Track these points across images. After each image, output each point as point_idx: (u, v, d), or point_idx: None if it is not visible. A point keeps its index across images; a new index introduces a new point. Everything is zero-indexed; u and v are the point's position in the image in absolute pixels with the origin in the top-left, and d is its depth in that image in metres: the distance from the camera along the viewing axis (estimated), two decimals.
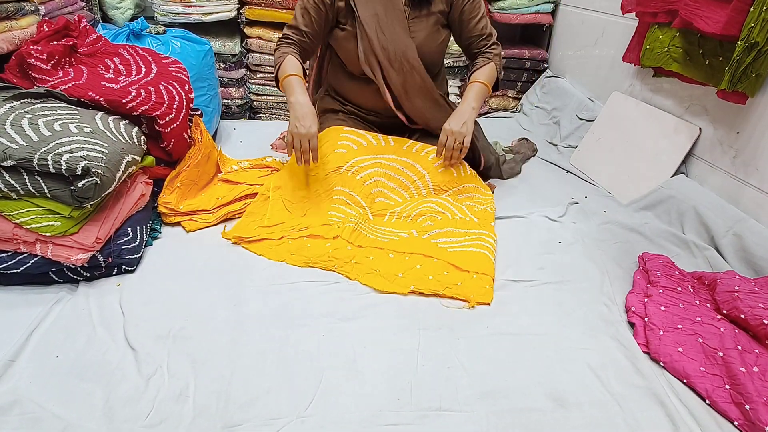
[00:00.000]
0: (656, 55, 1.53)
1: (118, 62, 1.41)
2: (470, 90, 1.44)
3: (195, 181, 1.44)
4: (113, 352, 0.93)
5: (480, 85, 1.44)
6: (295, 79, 1.34)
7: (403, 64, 1.42)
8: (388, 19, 1.38)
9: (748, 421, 0.82)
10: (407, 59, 1.41)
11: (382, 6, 1.38)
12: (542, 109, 2.29)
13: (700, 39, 1.38)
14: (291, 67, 1.37)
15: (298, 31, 1.43)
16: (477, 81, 1.44)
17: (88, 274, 1.11)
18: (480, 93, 1.44)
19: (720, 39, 1.27)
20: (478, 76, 1.46)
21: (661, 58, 1.51)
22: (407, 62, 1.42)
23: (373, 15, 1.38)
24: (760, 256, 1.17)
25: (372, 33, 1.38)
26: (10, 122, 1.04)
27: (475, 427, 0.82)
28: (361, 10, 1.38)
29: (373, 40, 1.39)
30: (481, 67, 1.47)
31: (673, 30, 1.46)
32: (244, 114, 2.36)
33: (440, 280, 1.15)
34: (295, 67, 1.37)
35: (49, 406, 0.81)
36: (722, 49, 1.31)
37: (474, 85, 1.44)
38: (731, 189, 1.36)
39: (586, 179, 1.77)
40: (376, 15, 1.38)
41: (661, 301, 1.05)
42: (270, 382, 0.88)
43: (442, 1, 1.43)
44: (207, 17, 2.10)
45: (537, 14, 2.35)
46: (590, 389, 0.90)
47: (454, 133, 1.37)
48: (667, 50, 1.48)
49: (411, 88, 1.46)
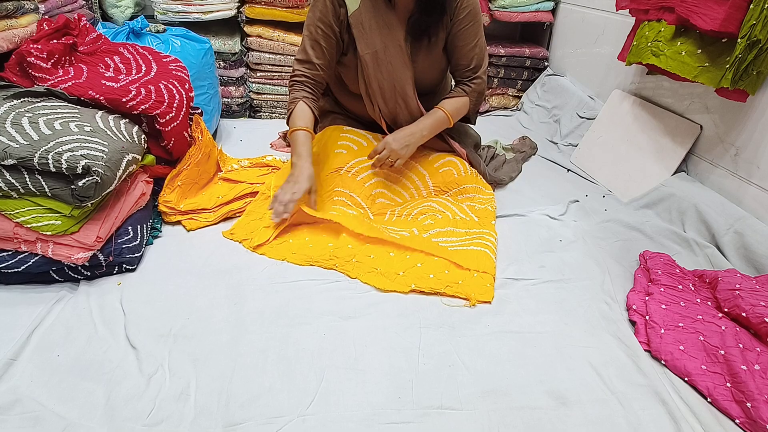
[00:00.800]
0: (639, 50, 1.52)
1: (119, 61, 1.41)
2: (430, 116, 1.40)
3: (195, 180, 1.44)
4: (114, 350, 0.93)
5: (443, 114, 1.39)
6: (302, 135, 1.30)
7: (397, 101, 1.40)
8: (386, 56, 1.35)
9: (750, 419, 0.82)
10: (402, 96, 1.39)
11: (382, 43, 1.34)
12: (543, 108, 2.29)
13: (682, 33, 1.37)
14: (300, 118, 1.32)
15: (310, 65, 1.36)
16: (442, 109, 1.40)
17: (88, 273, 1.11)
18: (438, 123, 1.40)
19: (717, 36, 1.27)
20: (445, 104, 1.41)
21: (643, 53, 1.50)
22: (402, 99, 1.40)
23: (373, 54, 1.34)
24: (761, 254, 1.17)
25: (370, 71, 1.36)
26: (11, 121, 1.04)
27: (477, 426, 0.82)
28: (361, 48, 1.35)
29: (371, 77, 1.37)
30: (453, 98, 1.42)
31: (659, 25, 1.45)
32: (244, 113, 2.35)
33: (441, 278, 1.15)
34: (304, 117, 1.32)
35: (50, 405, 0.81)
36: (703, 42, 1.31)
37: (437, 112, 1.40)
38: (732, 187, 1.36)
39: (587, 177, 1.77)
40: (376, 53, 1.34)
41: (662, 300, 1.05)
42: (271, 380, 0.88)
43: (443, 28, 1.37)
44: (207, 16, 2.10)
45: (537, 12, 2.35)
46: (591, 387, 0.90)
47: (392, 152, 1.35)
48: (649, 45, 1.47)
49: (402, 121, 1.45)
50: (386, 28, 1.33)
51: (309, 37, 1.35)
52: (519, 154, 1.88)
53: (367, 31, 1.33)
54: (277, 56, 2.21)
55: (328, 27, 1.32)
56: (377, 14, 1.32)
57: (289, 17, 2.15)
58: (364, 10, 1.31)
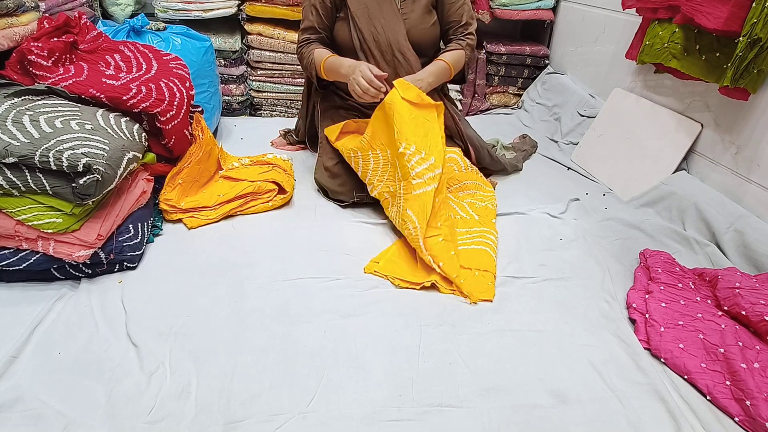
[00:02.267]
0: (655, 51, 1.52)
1: (119, 59, 1.41)
2: (433, 65, 1.45)
3: (196, 178, 1.44)
4: (115, 348, 0.93)
5: (444, 64, 1.45)
6: (334, 58, 1.42)
7: (395, 55, 1.45)
8: (379, 11, 1.41)
9: (749, 417, 0.82)
10: (399, 49, 1.44)
11: None
12: (543, 106, 2.28)
13: (697, 35, 1.37)
14: (324, 53, 1.45)
15: (313, 30, 1.50)
16: (442, 60, 1.46)
17: (89, 271, 1.11)
18: (441, 71, 1.45)
19: (721, 35, 1.27)
20: (445, 56, 1.48)
21: (661, 54, 1.50)
22: (399, 53, 1.45)
23: (364, 8, 1.42)
24: (761, 252, 1.17)
25: (363, 26, 1.42)
26: (12, 119, 1.04)
27: (477, 424, 0.82)
28: (352, 4, 1.42)
29: (365, 32, 1.43)
30: (450, 50, 1.49)
31: (672, 26, 1.45)
32: (244, 111, 2.35)
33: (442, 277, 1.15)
34: (328, 52, 1.45)
35: (51, 402, 0.81)
36: (719, 44, 1.31)
37: (438, 62, 1.46)
38: (733, 185, 1.36)
39: (587, 176, 1.77)
40: (367, 8, 1.42)
41: (662, 298, 1.05)
42: (272, 378, 0.88)
43: None
44: (207, 14, 2.09)
45: (538, 10, 2.34)
46: (591, 385, 0.90)
47: None
48: (666, 46, 1.47)
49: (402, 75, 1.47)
50: None
51: (308, 6, 1.48)
52: (520, 152, 1.87)
53: None
54: (278, 54, 2.21)
55: None
56: None
57: (290, 15, 2.14)
58: None
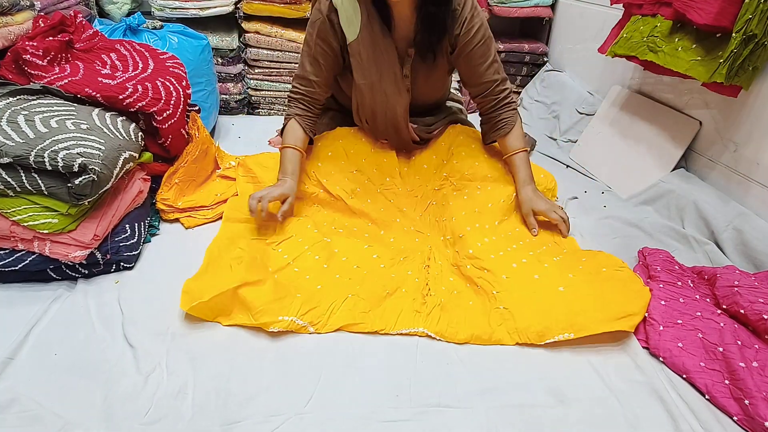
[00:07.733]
0: (632, 44, 1.50)
1: (115, 58, 1.40)
2: (521, 164, 1.32)
3: (193, 177, 1.43)
4: (112, 349, 0.92)
5: (524, 154, 1.33)
6: (290, 152, 1.30)
7: (387, 128, 1.42)
8: (381, 86, 1.34)
9: (748, 416, 0.82)
10: (394, 124, 1.41)
11: (378, 73, 1.32)
12: (542, 104, 2.28)
13: (679, 29, 1.37)
14: (290, 136, 1.32)
15: (306, 82, 1.35)
16: (521, 150, 1.33)
17: (86, 272, 1.10)
18: (528, 164, 1.34)
19: (709, 30, 1.26)
20: (516, 143, 1.34)
21: (637, 47, 1.48)
22: (392, 127, 1.41)
23: (369, 84, 1.34)
24: (760, 250, 1.17)
25: (366, 99, 1.37)
26: (6, 119, 1.03)
27: (475, 424, 0.82)
28: (358, 77, 1.34)
29: (366, 104, 1.38)
30: (511, 130, 1.35)
31: (655, 20, 1.44)
32: (242, 109, 2.35)
33: None
34: (294, 135, 1.32)
35: (47, 403, 0.81)
36: (698, 37, 1.30)
37: (521, 157, 1.33)
38: (732, 183, 1.36)
39: (586, 174, 1.76)
40: (372, 84, 1.34)
41: (661, 296, 1.05)
42: (269, 379, 0.88)
43: (446, 50, 1.33)
44: (204, 12, 2.09)
45: (536, 7, 2.33)
46: (590, 385, 0.90)
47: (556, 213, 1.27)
48: (645, 40, 1.45)
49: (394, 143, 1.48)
50: (383, 54, 1.31)
51: (308, 54, 1.33)
52: None
53: (364, 61, 1.32)
54: (275, 52, 2.20)
55: (327, 45, 1.31)
56: (375, 43, 1.30)
57: (287, 13, 2.13)
58: (362, 40, 1.29)
